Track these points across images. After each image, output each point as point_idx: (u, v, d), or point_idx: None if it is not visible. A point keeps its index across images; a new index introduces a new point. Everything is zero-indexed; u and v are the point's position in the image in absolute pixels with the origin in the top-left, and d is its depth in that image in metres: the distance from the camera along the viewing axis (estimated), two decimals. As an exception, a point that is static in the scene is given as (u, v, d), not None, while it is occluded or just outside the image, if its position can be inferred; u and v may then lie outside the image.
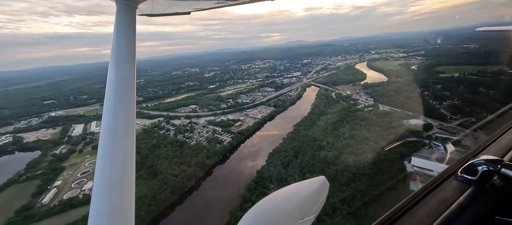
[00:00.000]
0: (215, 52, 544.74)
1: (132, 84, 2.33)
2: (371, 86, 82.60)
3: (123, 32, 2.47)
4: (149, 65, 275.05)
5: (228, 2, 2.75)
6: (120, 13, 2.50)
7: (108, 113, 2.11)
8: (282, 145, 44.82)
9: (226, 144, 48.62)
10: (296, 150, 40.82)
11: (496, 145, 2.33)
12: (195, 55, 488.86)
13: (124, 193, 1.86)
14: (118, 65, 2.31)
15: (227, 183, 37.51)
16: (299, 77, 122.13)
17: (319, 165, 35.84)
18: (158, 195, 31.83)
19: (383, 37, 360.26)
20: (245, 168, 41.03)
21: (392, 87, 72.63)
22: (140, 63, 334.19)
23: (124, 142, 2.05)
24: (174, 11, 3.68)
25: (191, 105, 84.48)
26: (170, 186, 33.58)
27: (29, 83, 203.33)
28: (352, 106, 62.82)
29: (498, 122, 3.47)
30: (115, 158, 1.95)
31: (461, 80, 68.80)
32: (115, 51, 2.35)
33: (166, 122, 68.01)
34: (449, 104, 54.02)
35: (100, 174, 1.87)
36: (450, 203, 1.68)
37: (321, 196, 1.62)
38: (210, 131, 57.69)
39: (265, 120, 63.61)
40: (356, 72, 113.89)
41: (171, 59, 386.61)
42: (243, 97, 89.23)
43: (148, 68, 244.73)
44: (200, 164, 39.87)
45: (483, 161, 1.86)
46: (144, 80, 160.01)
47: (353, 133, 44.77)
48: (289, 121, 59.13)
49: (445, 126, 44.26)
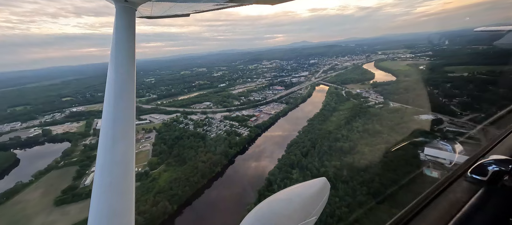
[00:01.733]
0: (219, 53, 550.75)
1: (131, 87, 2.32)
2: (380, 85, 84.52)
3: (123, 34, 2.46)
4: (156, 65, 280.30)
5: (226, 4, 2.76)
6: (119, 15, 2.50)
7: (107, 115, 2.09)
8: (298, 137, 47.64)
9: (245, 136, 51.75)
10: (313, 141, 43.55)
11: (505, 145, 2.30)
12: (200, 55, 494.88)
13: (123, 196, 1.85)
14: (117, 67, 2.30)
15: (250, 170, 40.60)
16: (307, 76, 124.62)
17: (336, 154, 38.51)
18: (191, 177, 35.18)
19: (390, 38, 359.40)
20: (265, 157, 44.04)
21: (402, 86, 74.52)
22: (146, 64, 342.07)
23: (124, 145, 2.03)
24: (173, 13, 3.71)
25: (205, 102, 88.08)
26: (200, 171, 36.91)
27: (43, 82, 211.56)
28: (363, 104, 65.12)
29: (505, 121, 3.57)
30: (114, 161, 1.94)
31: (470, 79, 70.04)
32: (114, 54, 2.34)
33: (183, 117, 71.63)
34: (458, 101, 55.78)
35: (100, 177, 1.86)
36: (461, 205, 1.63)
37: (322, 197, 1.63)
38: (227, 125, 60.92)
39: (279, 116, 66.50)
40: (364, 72, 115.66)
41: (177, 60, 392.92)
42: (255, 95, 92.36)
43: (156, 68, 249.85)
44: (223, 152, 43.10)
45: (493, 160, 1.85)
46: (154, 79, 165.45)
47: (366, 127, 47.20)
48: (302, 117, 61.89)
49: (455, 121, 46.25)
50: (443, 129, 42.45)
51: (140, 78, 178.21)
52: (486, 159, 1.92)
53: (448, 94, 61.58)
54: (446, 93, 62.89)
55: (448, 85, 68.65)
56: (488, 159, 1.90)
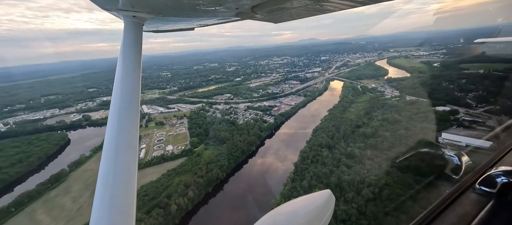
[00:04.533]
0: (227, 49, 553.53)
1: (136, 99, 2.33)
2: (395, 80, 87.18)
3: (130, 48, 2.52)
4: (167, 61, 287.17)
5: (230, 19, 2.81)
6: (127, 29, 2.57)
7: (112, 126, 2.11)
8: (322, 123, 52.24)
9: (271, 123, 56.86)
10: (337, 127, 48.08)
11: (511, 156, 2.24)
12: (208, 52, 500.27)
13: (125, 208, 1.84)
14: (123, 80, 2.34)
15: (281, 150, 45.80)
16: (320, 72, 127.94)
17: (359, 138, 42.95)
18: (233, 153, 40.83)
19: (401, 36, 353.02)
20: (294, 140, 49.07)
21: (417, 81, 77.17)
22: (156, 59, 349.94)
23: (127, 156, 2.03)
24: (178, 27, 3.86)
25: (226, 94, 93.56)
26: (240, 148, 42.43)
27: (64, 75, 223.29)
28: (379, 97, 68.65)
29: None
30: (117, 172, 1.94)
31: (486, 75, 71.76)
32: (121, 66, 2.38)
33: (208, 106, 77.40)
34: (474, 95, 58.42)
35: (102, 188, 1.86)
36: (471, 218, 1.58)
37: (328, 210, 1.60)
38: (252, 113, 66.12)
39: (299, 106, 71.13)
40: (377, 69, 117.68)
41: (186, 55, 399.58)
42: (272, 88, 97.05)
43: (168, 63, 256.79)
44: (256, 134, 48.42)
45: (501, 172, 1.81)
46: (170, 74, 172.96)
47: (386, 116, 51.16)
48: (322, 108, 66.29)
49: (471, 112, 49.48)
50: (459, 118, 45.90)
51: (155, 72, 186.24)
52: (494, 170, 1.87)
53: (463, 89, 63.96)
54: (462, 88, 65.25)
55: (464, 81, 70.70)
56: (496, 170, 1.86)
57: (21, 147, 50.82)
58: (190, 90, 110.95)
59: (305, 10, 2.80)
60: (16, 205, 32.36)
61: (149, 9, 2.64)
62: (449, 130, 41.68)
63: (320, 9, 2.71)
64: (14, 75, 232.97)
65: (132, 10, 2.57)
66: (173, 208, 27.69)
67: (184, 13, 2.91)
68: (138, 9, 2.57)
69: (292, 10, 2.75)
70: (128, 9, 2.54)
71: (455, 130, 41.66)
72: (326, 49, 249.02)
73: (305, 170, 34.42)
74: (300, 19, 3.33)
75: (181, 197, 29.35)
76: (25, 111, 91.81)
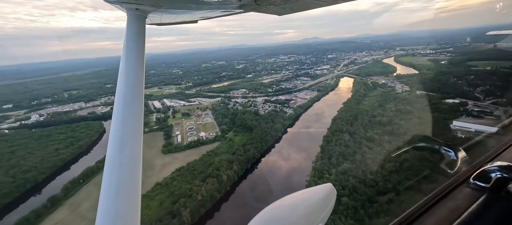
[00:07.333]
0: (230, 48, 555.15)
1: (140, 92, 2.36)
2: (404, 77, 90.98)
3: (133, 41, 2.52)
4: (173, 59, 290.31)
5: (233, 11, 2.76)
6: (130, 22, 2.57)
7: (117, 118, 2.14)
8: (339, 113, 56.81)
9: (291, 114, 61.59)
10: (354, 116, 52.58)
11: (510, 152, 2.27)
12: (211, 50, 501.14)
13: (130, 199, 1.89)
14: (127, 73, 2.36)
15: (303, 135, 50.76)
16: (329, 69, 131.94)
17: (376, 125, 47.41)
18: (264, 137, 45.89)
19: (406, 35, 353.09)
20: (314, 128, 53.86)
21: (426, 78, 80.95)
22: (161, 57, 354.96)
23: (132, 148, 2.07)
24: (181, 20, 3.85)
25: (241, 89, 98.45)
26: (269, 134, 47.39)
27: (76, 72, 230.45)
28: (390, 91, 72.75)
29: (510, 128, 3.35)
30: (123, 164, 1.98)
31: (494, 72, 75.12)
32: (125, 59, 2.39)
33: (227, 100, 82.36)
34: (482, 90, 62.19)
35: (108, 179, 1.90)
36: (461, 211, 1.60)
37: (328, 204, 1.60)
38: (271, 106, 70.88)
39: (314, 100, 75.67)
40: (385, 66, 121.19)
41: (190, 53, 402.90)
42: (285, 84, 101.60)
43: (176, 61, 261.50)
44: (280, 122, 53.31)
45: (497, 167, 1.83)
46: (181, 71, 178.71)
47: (399, 107, 55.43)
48: (336, 101, 70.77)
49: (479, 104, 53.45)
50: (468, 109, 50.00)
51: (165, 70, 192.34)
52: (490, 165, 1.90)
53: (472, 84, 67.65)
54: (470, 83, 68.91)
55: (472, 77, 74.20)
56: (492, 165, 1.88)
57: (67, 133, 56.50)
58: (204, 86, 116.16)
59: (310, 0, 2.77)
60: (84, 177, 38.03)
61: (151, 1, 2.63)
62: (459, 118, 45.90)
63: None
64: (25, 73, 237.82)
65: (135, 3, 2.59)
66: (224, 177, 32.92)
67: (187, 5, 2.92)
68: (141, 1, 2.59)
69: (297, 0, 2.70)
70: (131, 2, 2.56)
71: (465, 118, 45.86)
72: (331, 47, 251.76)
73: (331, 150, 39.14)
74: (304, 11, 3.23)
75: (227, 170, 34.49)
76: (53, 105, 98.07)
